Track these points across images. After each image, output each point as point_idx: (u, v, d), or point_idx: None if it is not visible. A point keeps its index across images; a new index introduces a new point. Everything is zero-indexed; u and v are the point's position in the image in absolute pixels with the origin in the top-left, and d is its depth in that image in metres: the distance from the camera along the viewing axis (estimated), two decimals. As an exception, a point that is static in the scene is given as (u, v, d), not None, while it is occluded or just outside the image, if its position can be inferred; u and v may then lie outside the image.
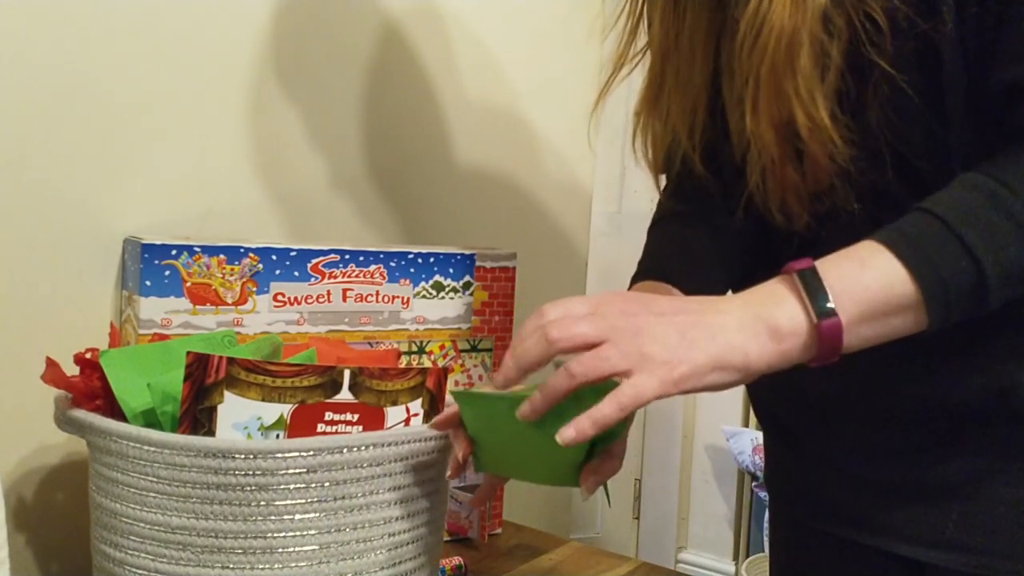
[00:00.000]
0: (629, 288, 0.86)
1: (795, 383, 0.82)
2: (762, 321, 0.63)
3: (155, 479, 0.74)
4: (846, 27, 0.67)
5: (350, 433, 0.80)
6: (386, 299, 1.10)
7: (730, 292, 0.88)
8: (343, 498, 0.76)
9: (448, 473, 0.75)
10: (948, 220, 0.63)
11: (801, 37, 0.66)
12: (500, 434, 0.72)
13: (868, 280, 0.63)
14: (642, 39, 0.83)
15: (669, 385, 0.62)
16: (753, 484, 1.73)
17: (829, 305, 0.62)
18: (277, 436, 0.78)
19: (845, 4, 0.67)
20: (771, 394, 0.88)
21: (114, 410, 0.81)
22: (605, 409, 0.61)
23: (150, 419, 0.79)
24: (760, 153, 0.72)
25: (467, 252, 1.16)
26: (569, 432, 0.62)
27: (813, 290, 0.63)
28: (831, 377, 0.78)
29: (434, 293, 1.13)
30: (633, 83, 0.86)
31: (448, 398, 0.85)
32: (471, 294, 1.16)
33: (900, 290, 0.63)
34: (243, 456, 0.73)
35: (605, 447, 0.70)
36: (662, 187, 0.91)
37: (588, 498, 0.69)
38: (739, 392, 0.93)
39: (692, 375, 0.62)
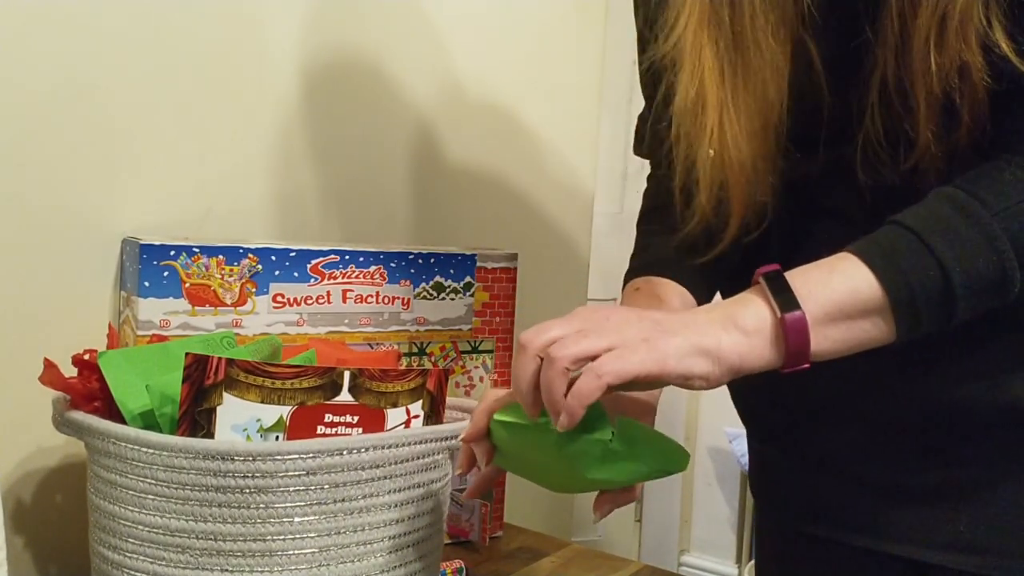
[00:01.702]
0: (624, 285, 0.86)
1: (792, 384, 0.81)
2: (730, 318, 0.65)
3: (154, 481, 0.74)
4: None
5: (350, 435, 0.80)
6: (386, 300, 1.09)
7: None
8: (343, 500, 0.76)
9: (459, 470, 0.75)
10: (918, 230, 0.64)
11: None
12: (528, 455, 0.71)
13: (834, 283, 0.64)
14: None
15: (650, 363, 0.62)
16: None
17: (792, 301, 0.64)
18: (276, 438, 0.78)
19: None
20: (762, 396, 0.87)
21: (112, 412, 0.80)
22: (583, 385, 0.62)
23: (149, 421, 0.79)
24: (921, 99, 0.66)
25: (468, 253, 1.15)
26: (562, 420, 0.62)
27: (777, 288, 0.64)
28: (830, 379, 0.78)
29: (434, 294, 1.12)
30: (636, 80, 0.85)
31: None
32: (472, 295, 1.15)
33: (867, 294, 0.64)
34: (242, 458, 0.73)
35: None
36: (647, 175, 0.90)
37: (598, 520, 0.70)
38: (742, 393, 0.92)
39: (673, 354, 0.63)
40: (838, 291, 0.64)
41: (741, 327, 0.64)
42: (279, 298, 1.02)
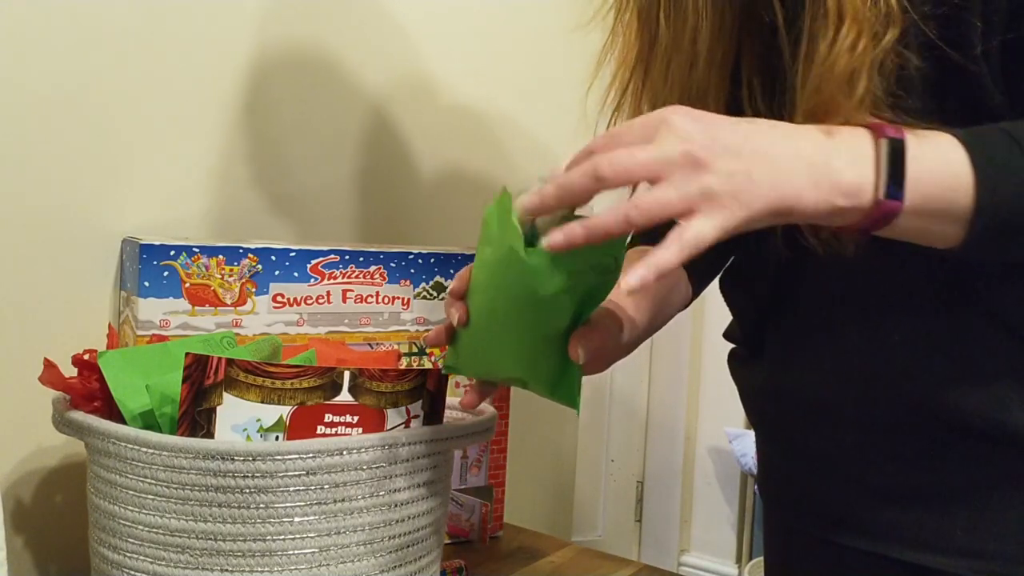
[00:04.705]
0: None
1: (788, 385, 0.82)
2: (829, 177, 0.61)
3: (154, 481, 0.74)
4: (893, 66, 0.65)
5: (350, 435, 0.80)
6: (386, 300, 1.09)
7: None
8: (343, 500, 0.76)
9: (439, 337, 0.74)
10: None
11: (859, 79, 0.64)
12: (495, 281, 0.68)
13: (942, 180, 0.61)
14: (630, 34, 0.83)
15: (725, 231, 0.60)
16: (756, 486, 1.72)
17: (900, 190, 0.61)
18: (276, 438, 0.78)
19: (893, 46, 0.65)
20: (764, 396, 0.87)
21: (112, 412, 0.80)
22: (666, 254, 0.59)
23: (148, 421, 0.79)
24: None
25: (468, 252, 1.15)
26: (576, 231, 0.61)
27: (894, 170, 0.61)
28: (830, 380, 0.78)
29: (435, 294, 1.12)
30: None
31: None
32: (472, 295, 1.15)
33: (962, 203, 0.61)
34: (242, 458, 0.73)
35: (588, 315, 0.68)
36: None
37: (581, 361, 0.67)
38: (742, 393, 0.92)
39: (748, 220, 0.60)
40: (940, 190, 0.61)
41: (835, 184, 0.61)
42: (279, 298, 1.02)
